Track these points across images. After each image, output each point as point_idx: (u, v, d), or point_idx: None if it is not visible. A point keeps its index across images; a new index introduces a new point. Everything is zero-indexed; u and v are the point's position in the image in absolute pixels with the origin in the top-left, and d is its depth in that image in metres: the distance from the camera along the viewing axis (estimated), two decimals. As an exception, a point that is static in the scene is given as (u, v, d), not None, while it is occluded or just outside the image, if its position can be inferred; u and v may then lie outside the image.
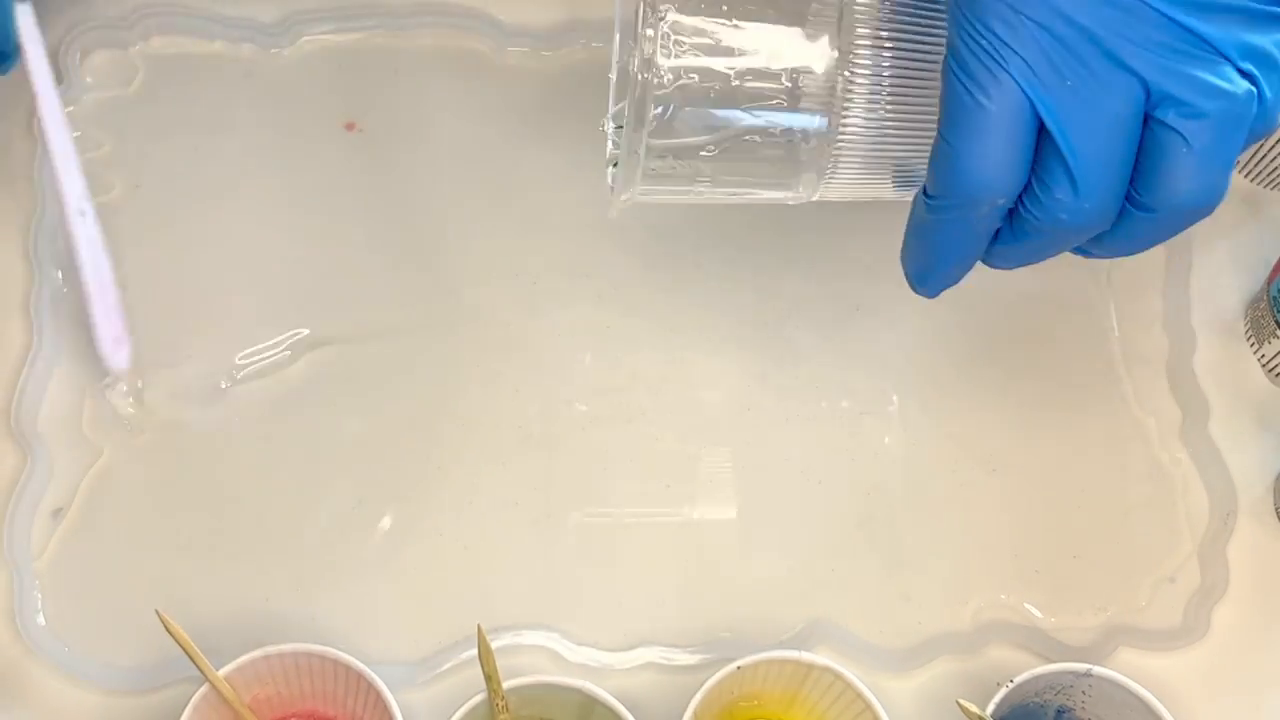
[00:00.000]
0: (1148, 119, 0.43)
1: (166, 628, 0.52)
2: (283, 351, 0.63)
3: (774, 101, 0.48)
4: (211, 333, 0.63)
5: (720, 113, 0.49)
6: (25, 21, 0.56)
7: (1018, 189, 0.44)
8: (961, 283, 0.66)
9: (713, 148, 0.49)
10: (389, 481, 0.61)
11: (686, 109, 0.48)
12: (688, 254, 0.67)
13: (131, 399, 0.61)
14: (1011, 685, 0.53)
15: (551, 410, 0.63)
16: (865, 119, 0.49)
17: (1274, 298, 0.63)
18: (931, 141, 0.45)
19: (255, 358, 0.63)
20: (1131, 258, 0.67)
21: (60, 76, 0.67)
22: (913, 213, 0.48)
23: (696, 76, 0.48)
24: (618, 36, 0.53)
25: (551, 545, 0.60)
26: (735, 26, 0.48)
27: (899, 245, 0.67)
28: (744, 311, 0.65)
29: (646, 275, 0.66)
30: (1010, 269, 0.49)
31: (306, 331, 0.64)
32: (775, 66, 0.48)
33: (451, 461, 0.61)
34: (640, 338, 0.64)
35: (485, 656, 0.53)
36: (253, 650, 0.52)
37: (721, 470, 0.62)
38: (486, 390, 0.63)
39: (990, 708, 0.52)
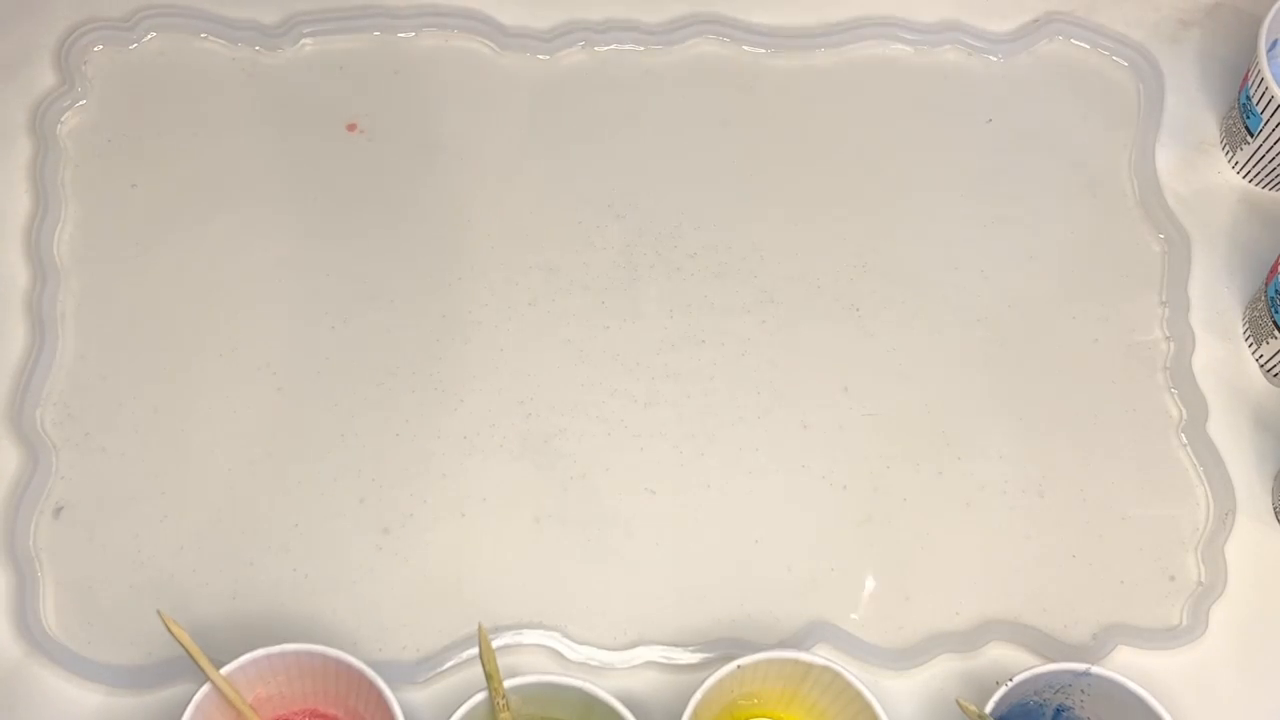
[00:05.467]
0: None
1: (168, 628, 0.52)
2: (282, 351, 0.63)
3: None
4: (209, 332, 0.63)
5: None
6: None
7: None
8: (963, 287, 0.67)
9: None
10: (391, 482, 0.61)
11: None
12: (686, 255, 0.67)
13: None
14: (1011, 684, 0.53)
15: (552, 411, 0.63)
16: None
17: (1272, 298, 0.63)
18: None
19: (254, 358, 0.63)
20: (1130, 258, 0.68)
21: (63, 77, 0.68)
22: None
23: None
24: None
25: (552, 545, 0.60)
26: None
27: (899, 246, 0.68)
28: (745, 313, 0.65)
29: (646, 277, 0.66)
30: None
31: (305, 332, 0.64)
32: None
33: (453, 462, 0.62)
34: (640, 340, 0.65)
35: (486, 655, 0.53)
36: (254, 650, 0.52)
37: (722, 471, 0.62)
38: (487, 390, 0.63)
39: (989, 706, 0.52)
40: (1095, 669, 0.54)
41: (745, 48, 0.71)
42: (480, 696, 0.52)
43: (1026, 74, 0.72)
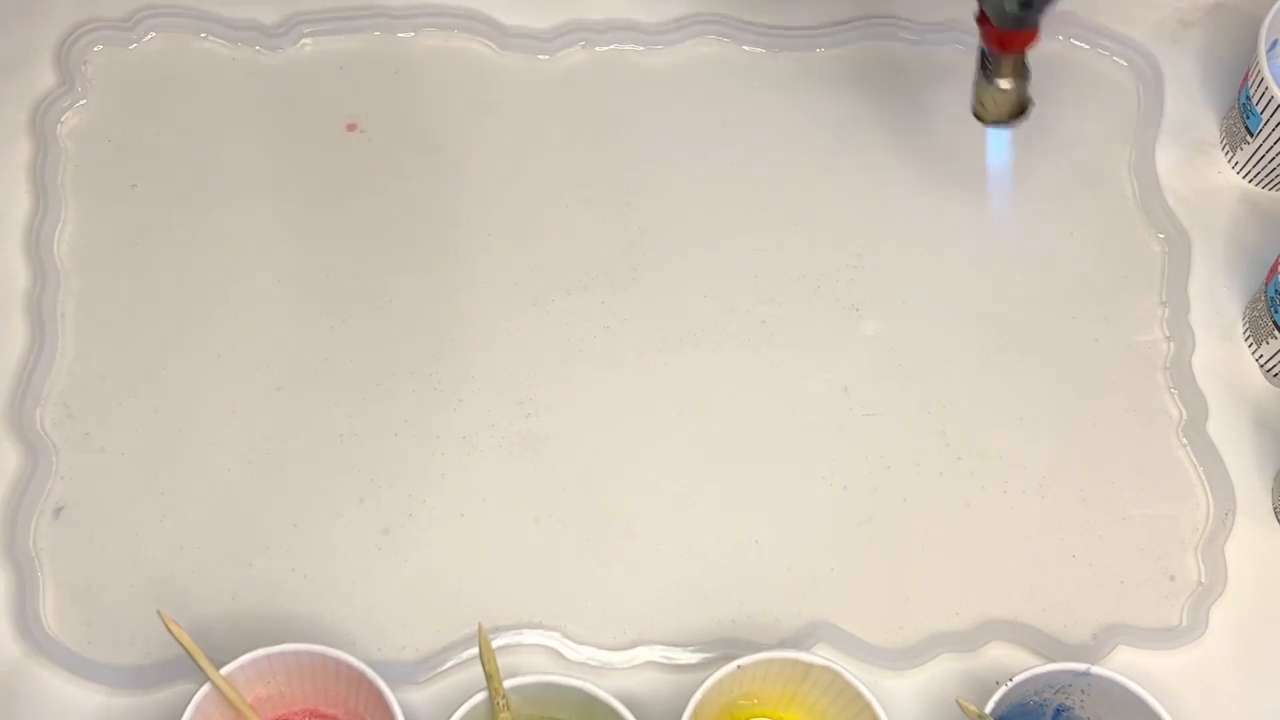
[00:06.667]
0: None
1: (168, 628, 0.52)
2: (281, 351, 0.63)
3: None
4: (208, 332, 0.63)
5: None
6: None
7: None
8: (963, 287, 0.67)
9: None
10: (390, 481, 0.61)
11: None
12: (686, 255, 0.67)
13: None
14: (1011, 684, 0.53)
15: (552, 411, 0.63)
16: None
17: (1272, 298, 0.63)
18: None
19: (254, 358, 0.63)
20: (1130, 258, 0.68)
21: (63, 77, 0.68)
22: None
23: None
24: None
25: (551, 545, 0.60)
26: None
27: (899, 246, 0.68)
28: (745, 313, 0.65)
29: (646, 277, 0.66)
30: None
31: (306, 332, 0.64)
32: None
33: (452, 462, 0.62)
34: (640, 340, 0.65)
35: (486, 655, 0.53)
36: (254, 650, 0.52)
37: (722, 472, 0.62)
38: (487, 390, 0.63)
39: (989, 706, 0.52)
40: (1095, 669, 0.54)
41: (745, 48, 0.71)
42: (480, 696, 0.52)
43: (1026, 74, 0.72)
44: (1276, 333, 0.63)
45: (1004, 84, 0.59)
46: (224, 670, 0.52)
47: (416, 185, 0.67)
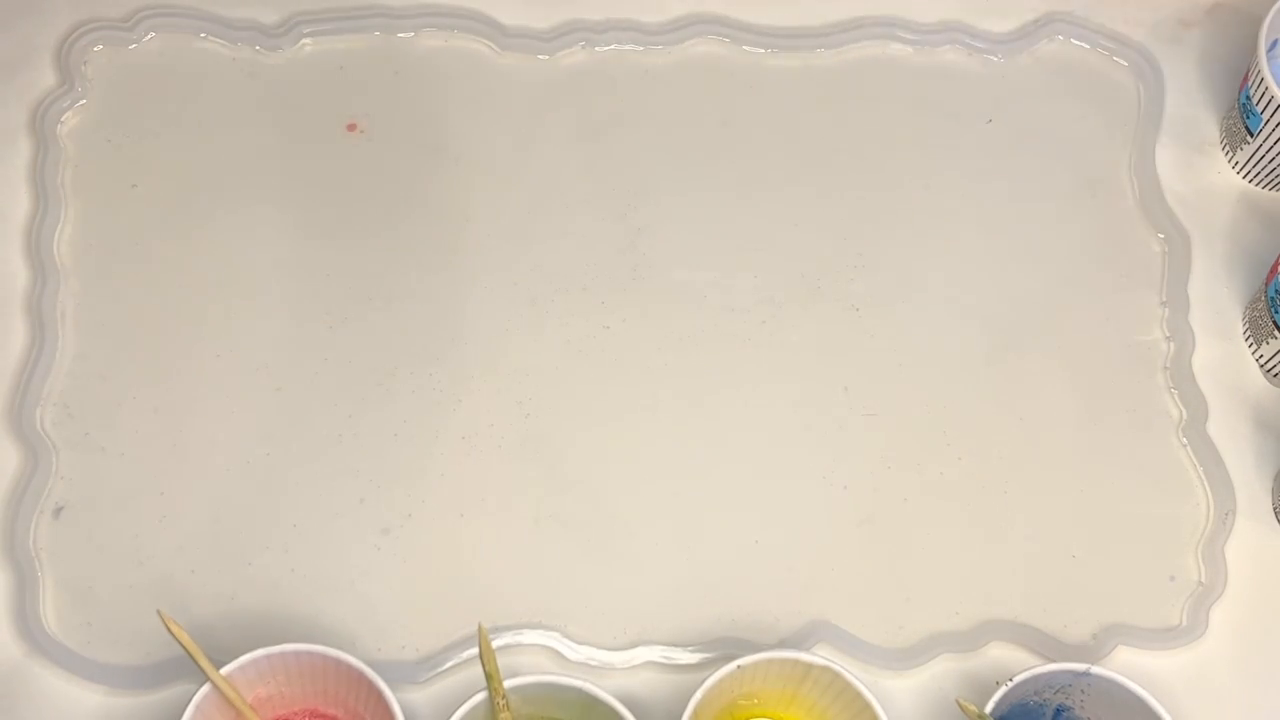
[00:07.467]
0: None
1: (168, 628, 0.52)
2: (281, 351, 0.63)
3: None
4: (208, 332, 0.63)
5: None
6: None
7: None
8: (963, 287, 0.67)
9: None
10: (390, 482, 0.61)
11: None
12: (685, 255, 0.67)
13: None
14: (1010, 684, 0.53)
15: (551, 411, 0.63)
16: None
17: (1272, 298, 0.63)
18: None
19: (253, 358, 0.63)
20: (1129, 257, 0.68)
21: (63, 77, 0.68)
22: None
23: None
24: None
25: (552, 545, 0.60)
26: None
27: (899, 246, 0.68)
28: (745, 313, 0.65)
29: (645, 277, 0.66)
30: None
31: (306, 332, 0.64)
32: None
33: (452, 462, 0.62)
34: (640, 339, 0.65)
35: (486, 655, 0.53)
36: (254, 650, 0.52)
37: (722, 472, 0.62)
38: (486, 390, 0.63)
39: (989, 706, 0.52)
40: (1095, 669, 0.54)
41: (745, 48, 0.71)
42: (480, 696, 0.52)
43: (1026, 74, 0.72)
44: (1276, 333, 0.63)
45: None
46: (224, 670, 0.52)
47: (416, 185, 0.67)
